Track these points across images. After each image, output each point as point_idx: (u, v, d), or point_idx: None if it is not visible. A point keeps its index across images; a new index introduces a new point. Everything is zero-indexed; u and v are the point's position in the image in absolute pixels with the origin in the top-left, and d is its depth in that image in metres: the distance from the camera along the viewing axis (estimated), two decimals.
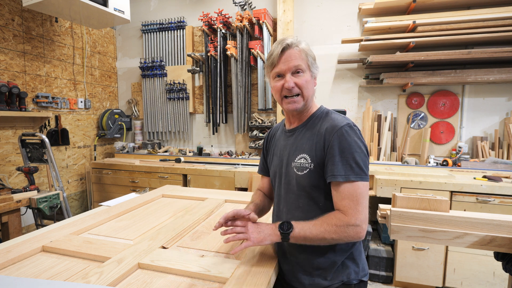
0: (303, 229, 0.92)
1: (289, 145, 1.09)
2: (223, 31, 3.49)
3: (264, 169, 1.29)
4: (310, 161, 1.00)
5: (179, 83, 3.86)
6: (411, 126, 3.15)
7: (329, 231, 0.90)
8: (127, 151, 3.96)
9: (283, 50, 1.00)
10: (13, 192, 2.26)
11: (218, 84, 3.61)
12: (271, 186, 1.27)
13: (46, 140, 2.63)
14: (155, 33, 4.00)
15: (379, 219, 1.24)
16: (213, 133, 3.83)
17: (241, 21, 3.32)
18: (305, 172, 1.00)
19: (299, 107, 1.03)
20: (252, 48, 3.36)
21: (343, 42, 3.14)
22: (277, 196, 1.14)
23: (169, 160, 3.57)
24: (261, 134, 3.52)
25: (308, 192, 1.01)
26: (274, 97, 1.09)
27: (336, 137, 0.95)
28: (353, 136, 0.95)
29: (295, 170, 1.03)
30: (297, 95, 1.02)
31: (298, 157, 1.03)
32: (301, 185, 1.02)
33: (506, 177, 2.47)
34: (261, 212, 1.23)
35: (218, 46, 3.53)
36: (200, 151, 3.74)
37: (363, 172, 0.94)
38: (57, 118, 3.41)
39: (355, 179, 0.92)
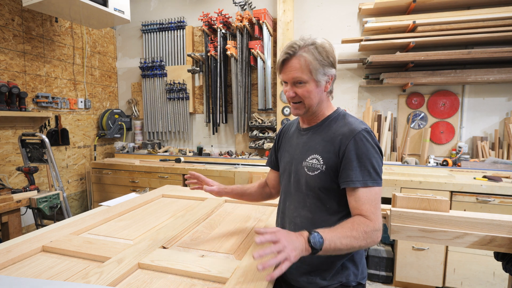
0: (332, 240, 0.84)
1: (302, 144, 1.09)
2: (223, 31, 3.49)
3: (273, 163, 1.30)
4: (322, 162, 0.99)
5: (179, 83, 3.86)
6: (411, 126, 3.15)
7: (358, 238, 0.86)
8: (127, 151, 3.96)
9: (284, 61, 0.99)
10: (13, 192, 2.26)
11: (218, 84, 3.61)
12: (276, 179, 1.29)
13: (46, 140, 2.63)
14: (155, 33, 4.00)
15: None
16: (213, 133, 3.83)
17: (241, 21, 3.32)
18: (316, 173, 1.00)
19: (301, 114, 1.05)
20: (252, 48, 3.36)
21: (343, 42, 3.14)
22: (284, 192, 1.15)
23: (169, 160, 3.57)
24: (261, 134, 3.52)
25: (317, 193, 1.01)
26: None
27: (353, 143, 0.95)
28: (370, 141, 0.95)
29: (305, 169, 1.03)
30: (299, 102, 1.02)
31: (310, 157, 1.03)
32: (310, 185, 1.02)
33: (506, 177, 2.47)
34: (238, 195, 1.31)
35: (218, 46, 3.53)
36: (200, 151, 3.74)
37: (379, 177, 0.94)
38: (57, 118, 3.41)
39: (372, 184, 0.92)
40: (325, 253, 0.84)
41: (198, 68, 3.72)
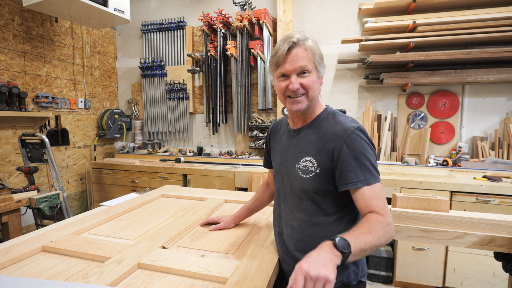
0: (357, 242, 0.78)
1: (293, 146, 1.06)
2: (223, 31, 3.49)
3: (268, 163, 1.29)
4: (316, 164, 0.97)
5: (179, 83, 3.86)
6: (411, 126, 3.15)
7: (379, 236, 0.83)
8: (127, 151, 3.96)
9: (289, 49, 0.94)
10: (13, 192, 2.26)
11: (218, 84, 3.61)
12: None
13: (46, 140, 2.63)
14: (155, 33, 4.00)
15: None
16: (213, 133, 3.83)
17: (241, 21, 3.32)
18: (310, 175, 0.98)
19: (303, 108, 0.99)
20: (252, 48, 3.36)
21: (343, 42, 3.14)
22: (279, 195, 1.13)
23: (169, 160, 3.57)
24: (261, 134, 3.52)
25: (312, 196, 1.00)
26: (277, 96, 1.05)
27: (348, 143, 0.93)
28: (364, 138, 0.95)
29: (299, 172, 1.01)
30: (302, 95, 0.97)
31: (303, 159, 1.01)
32: (304, 188, 1.00)
33: (506, 177, 2.47)
34: (251, 211, 1.38)
35: (218, 46, 3.53)
36: (200, 151, 3.74)
37: (377, 172, 0.94)
38: (57, 118, 3.41)
39: (374, 181, 0.92)
40: (354, 257, 0.77)
41: (198, 68, 3.72)
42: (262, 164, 3.23)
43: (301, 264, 0.71)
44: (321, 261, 0.70)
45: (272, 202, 1.36)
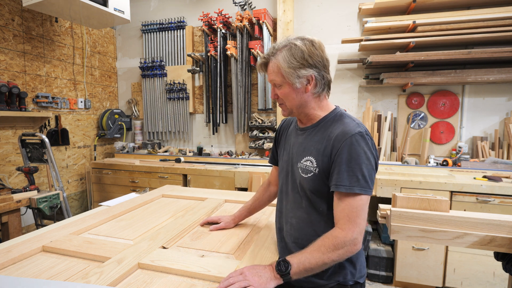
0: (301, 261, 0.88)
1: (298, 144, 1.08)
2: (223, 31, 3.49)
3: (275, 160, 1.29)
4: (315, 165, 0.98)
5: (179, 83, 3.86)
6: (411, 126, 3.15)
7: (328, 254, 0.88)
8: (127, 151, 3.96)
9: (266, 64, 1.03)
10: (13, 192, 2.26)
11: (218, 84, 3.61)
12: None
13: (46, 140, 2.63)
14: (155, 33, 4.00)
15: (379, 219, 1.24)
16: (213, 133, 3.83)
17: (241, 21, 3.32)
18: (309, 175, 0.99)
19: (286, 114, 1.08)
20: (252, 48, 3.36)
21: (343, 42, 3.14)
22: (281, 191, 1.15)
23: (169, 160, 3.57)
24: (261, 134, 3.52)
25: (309, 195, 1.01)
26: None
27: (345, 146, 0.91)
28: (363, 145, 0.91)
29: (300, 171, 1.02)
30: (282, 103, 1.06)
31: (304, 158, 1.02)
32: (303, 187, 1.02)
33: (506, 177, 2.47)
34: (251, 211, 1.39)
35: (218, 46, 3.53)
36: (200, 151, 3.74)
37: (367, 185, 0.90)
38: (57, 118, 3.41)
39: (359, 191, 0.89)
40: (298, 276, 0.88)
41: (198, 68, 3.72)
42: (262, 164, 3.24)
43: (248, 267, 0.90)
44: (260, 274, 0.88)
45: (272, 202, 1.38)
